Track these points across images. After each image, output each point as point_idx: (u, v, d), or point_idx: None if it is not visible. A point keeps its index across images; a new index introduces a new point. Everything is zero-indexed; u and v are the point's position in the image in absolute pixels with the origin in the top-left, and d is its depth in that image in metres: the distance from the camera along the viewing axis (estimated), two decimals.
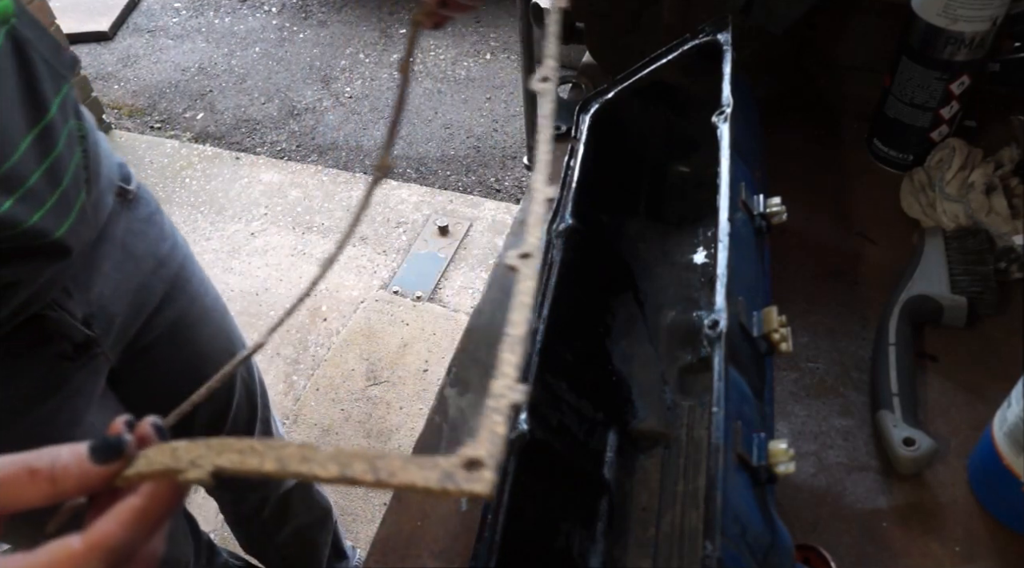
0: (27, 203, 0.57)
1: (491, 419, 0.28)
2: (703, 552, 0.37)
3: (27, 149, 0.57)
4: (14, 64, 0.57)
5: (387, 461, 0.28)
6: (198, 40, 2.88)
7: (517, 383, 0.29)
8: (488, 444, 0.27)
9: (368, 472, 0.27)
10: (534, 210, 0.37)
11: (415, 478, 0.27)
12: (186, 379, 0.90)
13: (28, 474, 0.31)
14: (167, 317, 0.84)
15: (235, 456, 0.30)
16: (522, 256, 0.34)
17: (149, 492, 0.31)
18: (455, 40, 2.74)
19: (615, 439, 0.58)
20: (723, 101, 0.58)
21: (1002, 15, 0.69)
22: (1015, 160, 0.73)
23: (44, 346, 0.68)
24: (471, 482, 0.26)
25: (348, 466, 0.28)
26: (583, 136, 0.68)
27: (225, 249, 2.07)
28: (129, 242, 0.77)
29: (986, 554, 0.55)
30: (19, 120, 0.57)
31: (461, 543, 0.59)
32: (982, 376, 0.64)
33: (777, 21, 0.78)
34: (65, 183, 0.61)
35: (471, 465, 0.27)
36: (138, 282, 0.78)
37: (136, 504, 0.31)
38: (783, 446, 0.42)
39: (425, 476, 0.27)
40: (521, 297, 0.33)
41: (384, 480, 0.27)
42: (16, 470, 0.31)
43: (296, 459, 0.29)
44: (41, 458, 0.31)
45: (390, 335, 1.83)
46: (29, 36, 0.58)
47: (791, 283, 0.73)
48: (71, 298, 0.69)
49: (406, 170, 2.29)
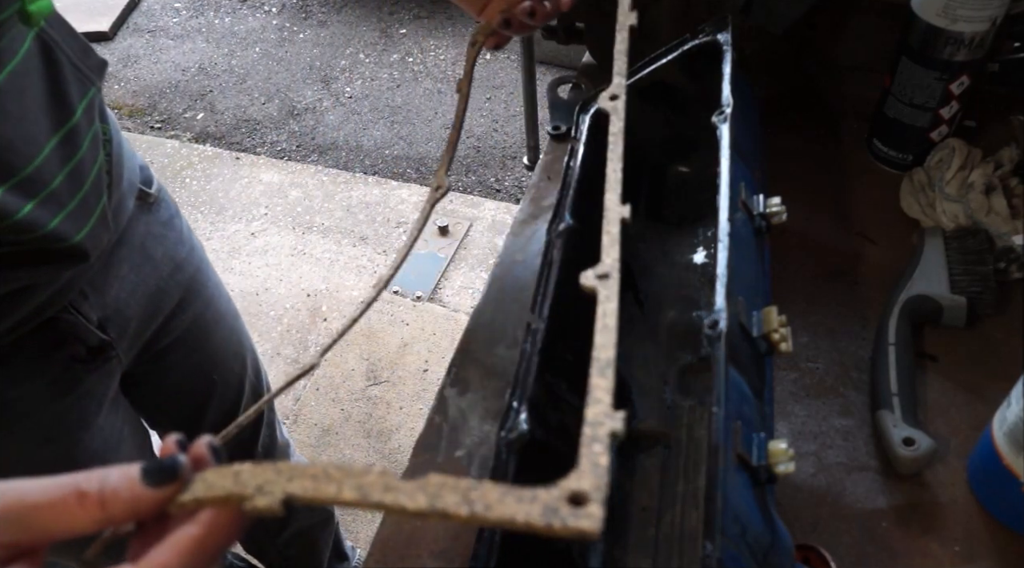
0: (48, 206, 0.57)
1: (591, 449, 0.26)
2: (703, 552, 0.37)
3: (51, 152, 0.57)
4: (41, 67, 0.57)
5: (481, 492, 0.26)
6: (198, 40, 2.88)
7: (613, 410, 0.28)
8: (591, 476, 0.26)
9: (461, 505, 0.25)
10: (609, 230, 0.36)
11: (515, 513, 0.25)
12: (197, 382, 0.90)
13: (77, 497, 0.29)
14: (182, 321, 0.84)
15: (308, 482, 0.27)
16: (600, 277, 0.33)
17: (208, 520, 0.29)
18: (455, 40, 2.74)
19: None
20: (723, 101, 0.58)
21: (1002, 15, 0.69)
22: (1015, 160, 0.73)
23: (58, 349, 0.68)
24: (577, 519, 0.24)
25: (438, 497, 0.26)
26: (583, 136, 0.68)
27: (225, 249, 2.07)
28: (148, 245, 0.77)
29: (986, 554, 0.55)
30: (44, 123, 0.57)
31: (461, 543, 0.59)
32: (982, 376, 0.64)
33: (777, 21, 0.78)
34: (86, 187, 0.61)
35: (575, 499, 0.25)
36: (155, 285, 0.78)
37: (195, 533, 0.28)
38: (783, 446, 0.42)
39: (526, 511, 0.25)
40: (605, 320, 0.31)
41: (480, 514, 0.25)
42: (64, 494, 0.29)
43: (378, 488, 0.26)
44: (90, 480, 0.29)
45: (390, 335, 1.83)
46: (57, 38, 0.58)
47: (791, 283, 0.73)
48: (87, 301, 0.69)
49: (406, 170, 2.29)
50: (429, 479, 0.26)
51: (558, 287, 0.57)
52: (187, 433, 0.32)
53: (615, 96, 0.41)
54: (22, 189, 0.55)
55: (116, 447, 0.77)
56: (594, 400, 0.28)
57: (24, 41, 0.55)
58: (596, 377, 0.29)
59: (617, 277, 0.33)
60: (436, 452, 0.65)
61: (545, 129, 0.93)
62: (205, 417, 0.93)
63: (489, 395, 0.68)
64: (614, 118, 0.41)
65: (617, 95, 0.42)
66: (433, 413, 0.68)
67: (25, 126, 0.55)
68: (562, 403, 0.56)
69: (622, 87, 0.42)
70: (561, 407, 0.55)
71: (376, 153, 2.36)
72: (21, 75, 0.54)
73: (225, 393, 0.94)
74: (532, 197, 0.85)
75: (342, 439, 1.65)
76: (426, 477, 0.26)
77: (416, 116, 2.47)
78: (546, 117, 0.94)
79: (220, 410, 0.94)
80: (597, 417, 0.28)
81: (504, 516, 0.25)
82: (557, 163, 0.88)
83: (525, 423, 0.50)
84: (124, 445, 0.79)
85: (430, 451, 0.65)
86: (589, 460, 0.26)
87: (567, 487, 0.25)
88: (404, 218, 2.12)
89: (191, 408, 0.91)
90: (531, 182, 0.88)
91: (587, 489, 0.25)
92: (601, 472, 0.26)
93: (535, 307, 0.56)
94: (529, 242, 0.81)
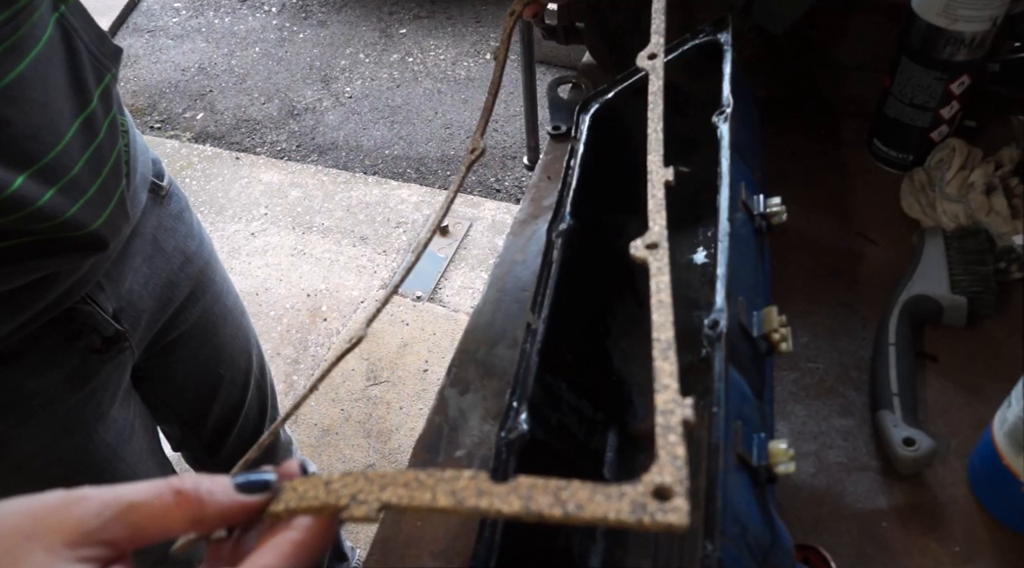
0: (69, 193, 0.57)
1: (667, 441, 0.26)
2: (703, 552, 0.37)
3: (71, 139, 0.57)
4: (63, 52, 0.57)
5: (571, 492, 0.26)
6: (198, 40, 2.88)
7: (682, 396, 0.27)
8: (672, 469, 0.26)
9: (555, 506, 0.26)
10: (654, 194, 0.34)
11: (606, 511, 0.25)
12: (204, 377, 0.91)
13: (174, 495, 0.29)
14: (191, 314, 0.84)
15: (402, 491, 0.28)
16: (649, 246, 0.31)
17: (306, 526, 0.29)
18: (455, 40, 2.74)
19: (615, 439, 0.58)
20: (723, 101, 0.58)
21: (1002, 15, 0.69)
22: (1015, 160, 0.73)
23: (76, 340, 0.68)
24: (665, 514, 0.25)
25: (531, 500, 0.26)
26: (583, 136, 0.68)
27: (225, 249, 2.07)
28: (160, 238, 0.77)
29: (986, 554, 0.55)
30: (65, 109, 0.57)
31: (461, 543, 0.59)
32: (982, 376, 0.64)
33: (777, 21, 0.78)
34: (105, 173, 0.61)
35: (659, 494, 0.25)
36: (166, 278, 0.78)
37: (295, 538, 0.29)
38: (783, 446, 0.42)
39: (616, 508, 0.25)
40: (659, 296, 0.30)
41: (573, 514, 0.26)
42: (161, 492, 0.29)
43: (472, 493, 0.27)
44: (184, 482, 0.29)
45: (390, 335, 1.83)
46: (76, 25, 0.58)
47: (791, 283, 0.73)
48: (103, 292, 0.69)
49: (406, 170, 2.29)
50: (519, 481, 0.26)
51: (558, 287, 0.57)
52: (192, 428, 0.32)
53: (653, 55, 0.41)
54: (43, 176, 0.55)
55: (128, 440, 0.78)
56: (661, 386, 0.28)
57: (46, 27, 0.55)
58: (659, 360, 0.28)
59: (667, 246, 0.32)
60: (436, 452, 0.65)
61: (545, 129, 0.93)
62: (211, 412, 0.93)
63: (489, 395, 0.68)
64: (653, 77, 0.40)
65: (655, 54, 0.41)
66: (433, 413, 0.68)
67: (48, 113, 0.55)
68: (562, 403, 0.56)
69: (660, 46, 0.42)
70: (561, 407, 0.55)
71: (376, 153, 2.36)
72: (44, 62, 0.54)
73: (231, 389, 0.94)
74: (532, 197, 0.85)
75: (342, 439, 1.65)
76: (516, 479, 0.26)
77: (416, 116, 2.47)
78: (546, 117, 0.94)
79: (226, 405, 0.94)
80: (667, 405, 0.27)
81: (596, 515, 0.25)
82: (557, 163, 0.88)
83: (525, 423, 0.50)
84: (135, 438, 0.80)
85: (430, 451, 0.65)
86: (667, 452, 0.26)
87: (651, 482, 0.25)
88: (404, 218, 2.12)
89: (197, 403, 0.91)
90: (531, 182, 0.87)
91: (670, 483, 0.25)
92: (680, 464, 0.26)
93: (535, 307, 0.56)
94: (529, 242, 0.81)
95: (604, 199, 0.68)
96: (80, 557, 0.27)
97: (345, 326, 1.86)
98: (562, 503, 0.26)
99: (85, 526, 0.27)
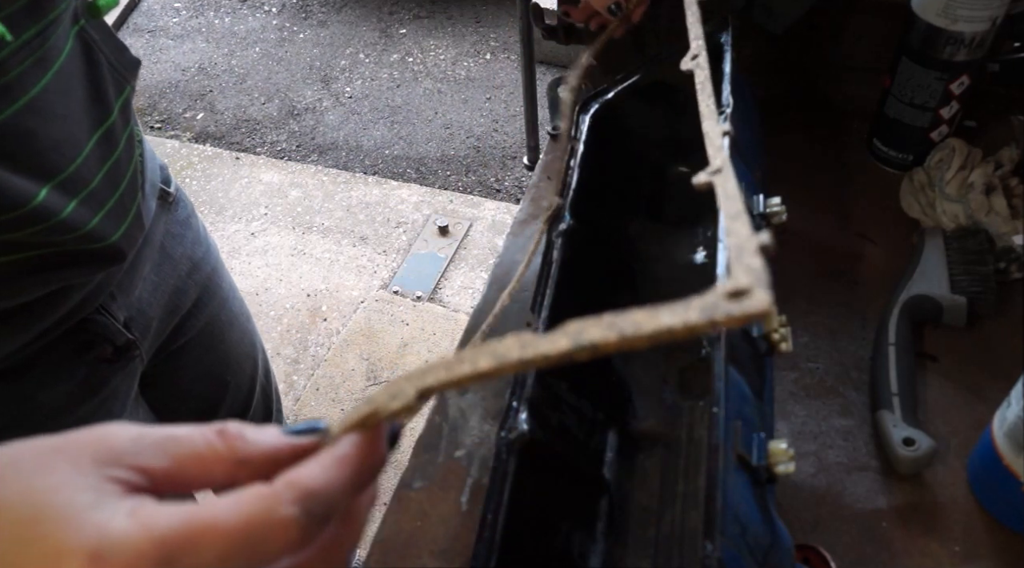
0: (89, 205, 0.57)
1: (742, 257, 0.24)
2: (703, 552, 0.37)
3: (91, 151, 0.57)
4: (83, 66, 0.57)
5: (625, 317, 0.24)
6: (198, 40, 2.88)
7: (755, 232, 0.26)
8: (745, 276, 0.23)
9: (610, 332, 0.23)
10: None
11: (670, 322, 0.23)
12: (210, 383, 0.91)
13: (217, 432, 0.27)
14: (198, 321, 0.84)
15: (440, 372, 0.26)
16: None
17: (350, 440, 0.27)
18: (455, 40, 2.74)
19: (615, 439, 0.58)
20: (723, 101, 0.58)
21: (1002, 15, 0.69)
22: (1015, 160, 0.73)
23: (86, 350, 0.68)
24: (743, 307, 0.22)
25: (581, 334, 0.24)
26: (583, 136, 0.68)
27: (225, 249, 2.07)
28: (167, 244, 0.77)
29: (986, 554, 0.55)
30: (85, 122, 0.57)
31: (461, 543, 0.59)
32: (982, 376, 0.64)
33: (777, 21, 0.78)
34: (123, 186, 0.61)
35: (735, 295, 0.23)
36: (174, 285, 0.78)
37: (337, 450, 0.27)
38: (783, 446, 0.42)
39: (683, 316, 0.23)
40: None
41: (631, 335, 0.23)
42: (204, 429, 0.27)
43: (516, 348, 0.25)
44: (227, 423, 0.27)
45: (390, 335, 1.83)
46: (96, 37, 0.58)
47: (791, 283, 0.73)
48: (115, 301, 0.69)
49: (406, 170, 2.29)
50: (567, 326, 0.24)
51: (558, 287, 0.57)
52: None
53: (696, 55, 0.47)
54: (65, 188, 0.55)
55: None
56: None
57: (68, 39, 0.55)
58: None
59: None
60: (436, 452, 0.65)
61: (545, 129, 0.93)
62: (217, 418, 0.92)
63: (489, 395, 0.68)
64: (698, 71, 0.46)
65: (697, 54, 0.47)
66: (433, 413, 0.68)
67: (69, 125, 0.55)
68: (562, 403, 0.56)
69: (702, 47, 0.48)
70: (561, 407, 0.55)
71: (376, 153, 2.36)
72: (66, 75, 0.54)
73: (237, 395, 0.94)
74: (532, 197, 0.85)
75: None
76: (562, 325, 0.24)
77: (416, 116, 2.47)
78: (546, 117, 0.94)
79: (232, 412, 0.94)
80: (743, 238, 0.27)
81: (659, 328, 0.23)
82: (557, 163, 0.88)
83: (525, 423, 0.50)
84: None
85: (430, 451, 0.65)
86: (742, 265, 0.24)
87: (723, 289, 0.23)
88: (404, 218, 2.12)
89: (203, 409, 0.91)
90: (531, 182, 0.88)
91: (745, 283, 0.23)
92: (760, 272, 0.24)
93: (535, 307, 0.56)
94: (529, 242, 0.81)
95: (604, 199, 0.68)
96: (107, 477, 0.25)
97: (345, 326, 1.86)
98: (616, 328, 0.24)
99: (118, 448, 0.26)
